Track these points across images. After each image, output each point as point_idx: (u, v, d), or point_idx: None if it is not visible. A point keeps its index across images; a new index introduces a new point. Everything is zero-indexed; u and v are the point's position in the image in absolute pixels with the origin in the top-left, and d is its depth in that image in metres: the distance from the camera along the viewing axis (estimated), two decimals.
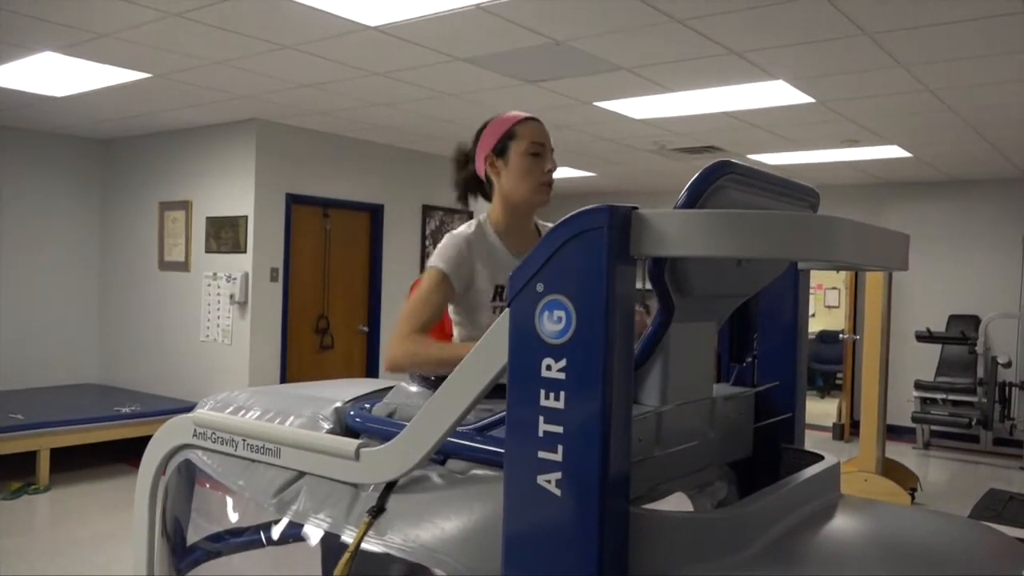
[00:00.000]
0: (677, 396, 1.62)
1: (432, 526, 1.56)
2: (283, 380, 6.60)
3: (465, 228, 2.03)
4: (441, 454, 1.69)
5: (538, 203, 2.06)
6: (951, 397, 7.87)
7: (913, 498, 5.86)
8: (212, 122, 6.55)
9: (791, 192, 1.73)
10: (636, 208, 1.31)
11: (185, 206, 6.88)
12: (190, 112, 6.18)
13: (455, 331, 2.05)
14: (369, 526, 1.60)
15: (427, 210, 7.85)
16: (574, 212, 1.32)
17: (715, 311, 1.76)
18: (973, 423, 7.52)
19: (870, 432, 5.77)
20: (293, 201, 6.71)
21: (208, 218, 6.71)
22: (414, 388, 1.95)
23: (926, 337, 7.83)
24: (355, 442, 1.71)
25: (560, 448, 1.31)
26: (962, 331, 7.88)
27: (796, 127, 5.96)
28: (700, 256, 1.42)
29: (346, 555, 1.58)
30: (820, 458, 1.82)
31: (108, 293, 7.63)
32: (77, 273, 7.55)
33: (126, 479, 5.92)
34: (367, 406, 2.03)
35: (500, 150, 2.03)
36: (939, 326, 8.19)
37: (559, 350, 1.32)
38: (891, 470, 5.96)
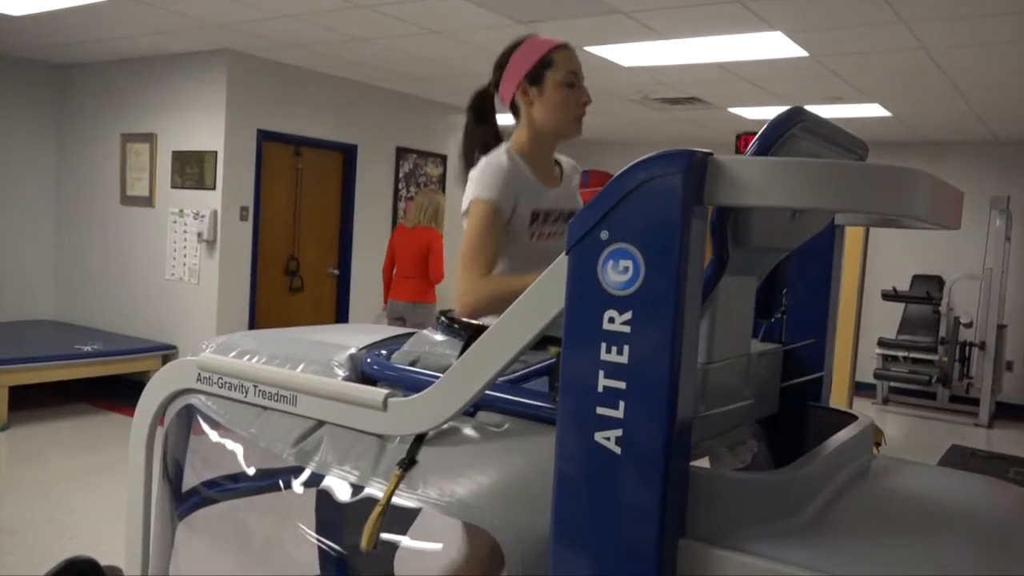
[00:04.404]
0: (722, 352, 1.56)
1: (469, 480, 1.49)
2: (252, 322, 6.44)
3: (495, 157, 1.92)
4: (472, 406, 1.62)
5: (570, 136, 1.97)
6: (912, 355, 8.04)
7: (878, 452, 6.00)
8: (181, 51, 6.24)
9: (846, 143, 1.67)
10: (711, 154, 1.23)
11: (150, 139, 6.59)
12: (158, 39, 5.87)
13: None
14: (400, 479, 1.53)
15: (401, 152, 7.66)
16: (646, 156, 1.23)
17: (759, 264, 1.70)
18: (933, 381, 7.71)
19: (841, 388, 5.87)
20: (264, 138, 6.47)
21: (174, 152, 6.44)
22: (439, 336, 1.86)
23: (892, 296, 7.96)
24: (382, 391, 1.62)
25: (622, 404, 1.24)
26: (927, 291, 8.02)
27: (783, 82, 5.90)
28: (776, 206, 1.35)
29: (377, 508, 1.51)
30: (852, 418, 1.79)
31: (65, 227, 7.32)
32: (31, 204, 7.20)
33: (87, 418, 5.76)
34: (382, 353, 1.94)
35: (535, 77, 1.92)
36: (903, 285, 8.32)
37: (624, 302, 1.24)
38: None
